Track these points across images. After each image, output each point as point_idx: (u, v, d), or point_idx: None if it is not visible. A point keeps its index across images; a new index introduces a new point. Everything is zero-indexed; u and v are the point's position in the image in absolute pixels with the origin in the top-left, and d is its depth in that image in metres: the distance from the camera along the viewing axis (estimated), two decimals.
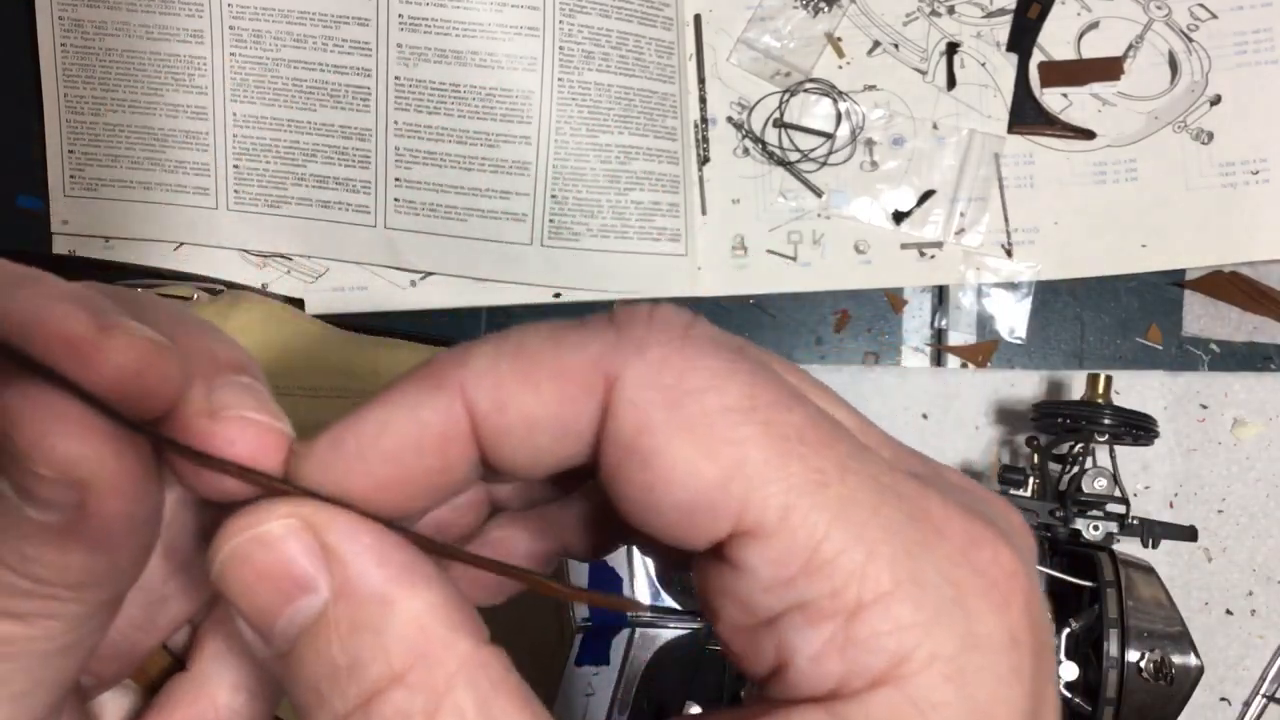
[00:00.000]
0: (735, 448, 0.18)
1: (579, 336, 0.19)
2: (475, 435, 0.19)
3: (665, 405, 0.19)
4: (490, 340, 0.20)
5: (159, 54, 0.70)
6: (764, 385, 0.19)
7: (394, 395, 0.20)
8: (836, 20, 0.71)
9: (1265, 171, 0.68)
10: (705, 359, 0.19)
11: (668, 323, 0.20)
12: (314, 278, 0.71)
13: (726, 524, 0.18)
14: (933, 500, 0.19)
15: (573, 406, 0.19)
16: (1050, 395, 0.69)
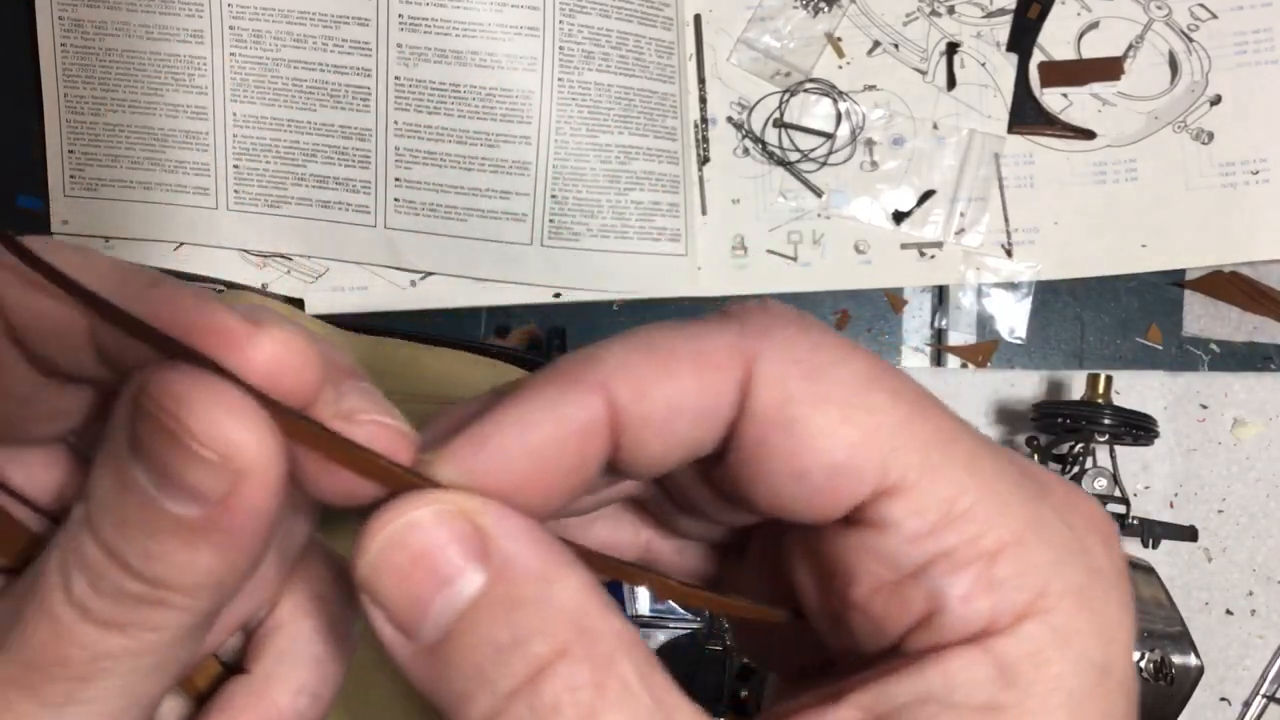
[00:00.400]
0: (870, 413, 0.20)
1: (706, 328, 0.21)
2: (612, 430, 0.20)
3: (803, 377, 0.20)
4: (617, 338, 0.21)
5: (159, 54, 0.70)
6: (878, 360, 0.21)
7: (531, 394, 0.20)
8: (836, 20, 0.71)
9: (1265, 171, 0.68)
10: (827, 337, 0.21)
11: (783, 311, 0.21)
12: (314, 278, 0.71)
13: (869, 484, 0.20)
14: (1025, 460, 0.21)
15: (712, 390, 0.20)
16: (1050, 395, 0.69)
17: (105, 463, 0.19)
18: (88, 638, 0.19)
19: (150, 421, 0.18)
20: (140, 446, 0.18)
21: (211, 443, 0.17)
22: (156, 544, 0.18)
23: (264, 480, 0.18)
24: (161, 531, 0.18)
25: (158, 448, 0.18)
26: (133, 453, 0.18)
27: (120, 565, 0.18)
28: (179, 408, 0.17)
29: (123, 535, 0.18)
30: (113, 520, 0.18)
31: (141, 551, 0.18)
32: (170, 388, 0.17)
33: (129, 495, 0.18)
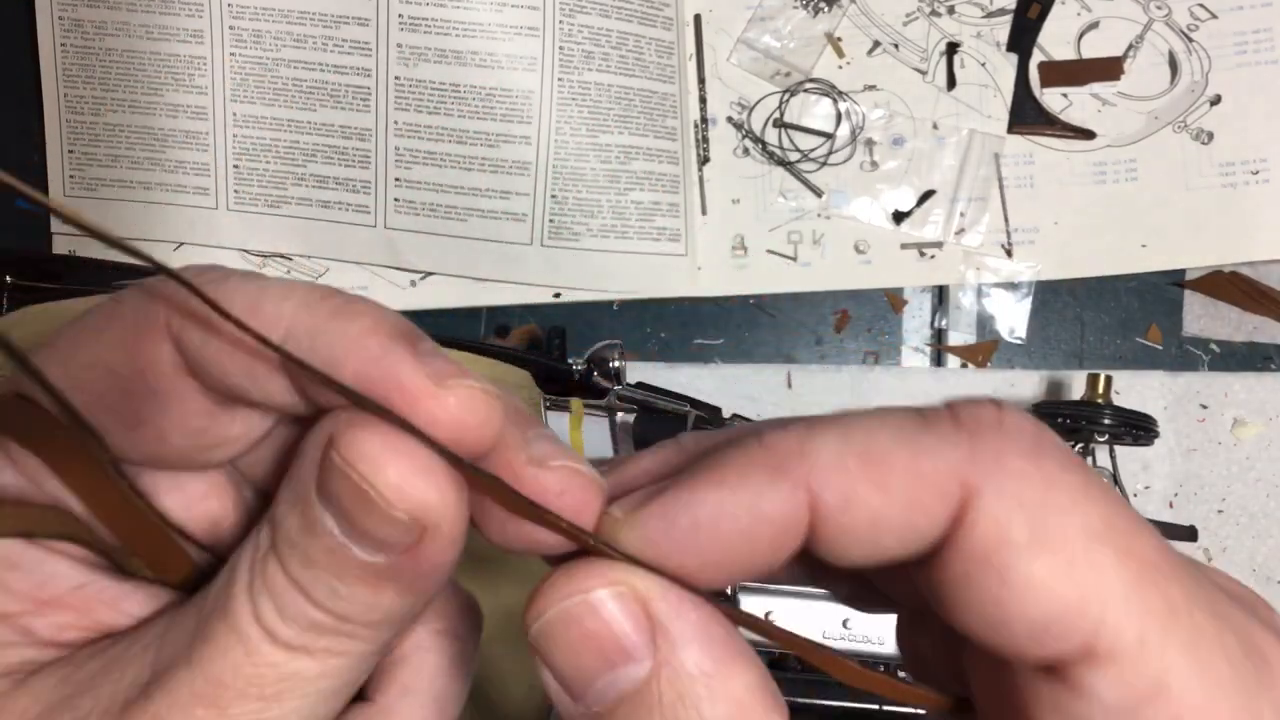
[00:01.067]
0: (1095, 572, 0.19)
1: (931, 440, 0.19)
2: (810, 528, 0.19)
3: (1028, 524, 0.19)
4: (831, 431, 0.20)
5: (159, 54, 0.70)
6: (1117, 507, 0.19)
7: (732, 476, 0.19)
8: (836, 20, 0.71)
9: (1265, 171, 0.68)
10: (1064, 475, 0.19)
11: (1020, 431, 0.20)
12: (314, 278, 0.71)
13: (1076, 645, 0.19)
14: (1255, 630, 0.20)
15: (924, 512, 0.19)
16: (1050, 395, 0.69)
17: (292, 501, 0.19)
18: (276, 658, 0.19)
19: (341, 478, 0.18)
20: (329, 495, 0.18)
21: (402, 503, 0.18)
22: (343, 585, 0.19)
23: (450, 534, 0.19)
24: (348, 574, 0.19)
25: (347, 501, 0.18)
26: (321, 499, 0.18)
27: (306, 597, 0.19)
28: (370, 469, 0.18)
29: (309, 573, 0.19)
30: (299, 558, 0.19)
31: (328, 589, 0.19)
32: (360, 448, 0.18)
33: (317, 539, 0.19)
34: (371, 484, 0.18)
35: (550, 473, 0.20)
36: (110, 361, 0.20)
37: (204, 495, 0.22)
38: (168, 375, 0.20)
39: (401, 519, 0.18)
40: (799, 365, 0.70)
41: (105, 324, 0.20)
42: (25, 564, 0.20)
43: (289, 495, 0.19)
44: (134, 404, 0.20)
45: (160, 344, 0.20)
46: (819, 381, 0.69)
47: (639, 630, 0.19)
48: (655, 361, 0.71)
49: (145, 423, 0.20)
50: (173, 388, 0.20)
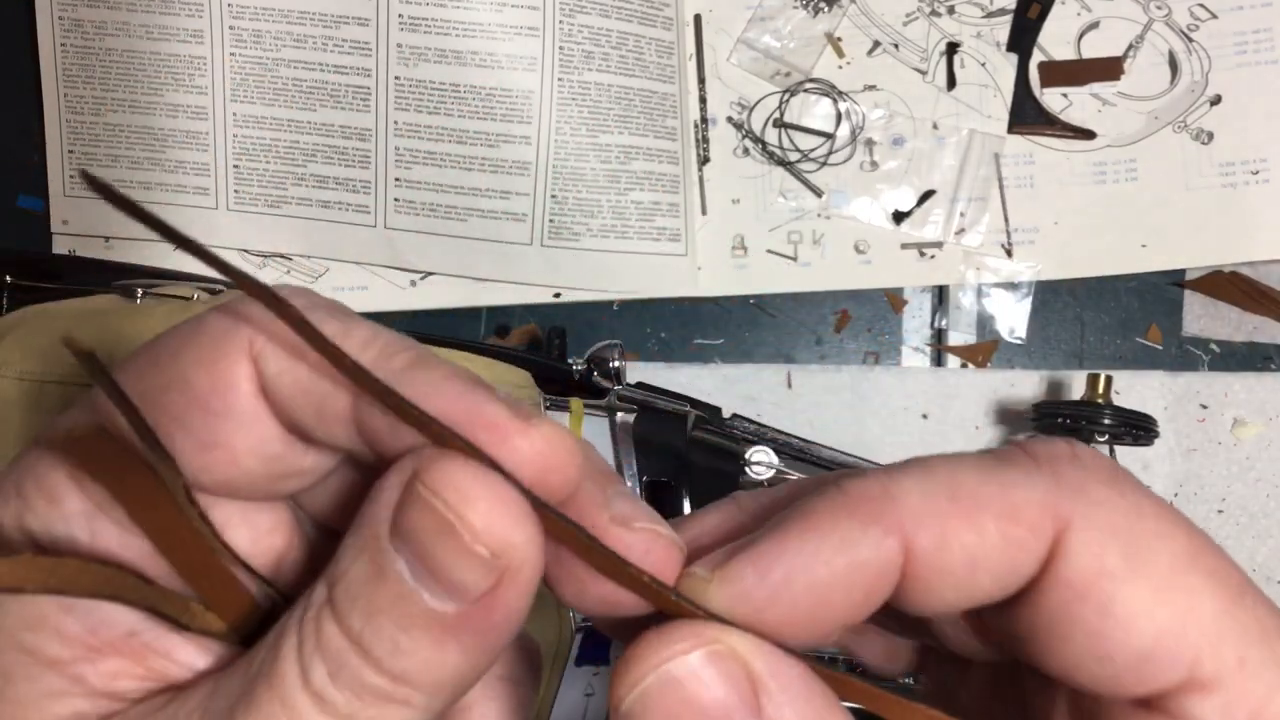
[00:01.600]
0: (1188, 595, 0.18)
1: (1016, 475, 0.19)
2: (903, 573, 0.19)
3: (1123, 553, 0.18)
4: (913, 474, 0.19)
5: (159, 54, 0.70)
6: (1198, 532, 0.19)
7: (823, 525, 0.19)
8: (836, 20, 0.71)
9: (1265, 171, 0.68)
10: (1146, 503, 0.19)
11: (1097, 463, 0.20)
12: (314, 278, 0.71)
13: (1179, 675, 0.18)
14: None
15: (1020, 548, 0.19)
16: (1050, 395, 0.69)
17: (359, 547, 0.18)
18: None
19: (425, 510, 0.17)
20: (405, 534, 0.18)
21: (486, 539, 0.17)
22: (407, 638, 0.18)
23: (527, 581, 0.18)
24: (414, 625, 0.18)
25: (427, 537, 0.17)
26: (395, 541, 0.18)
27: (364, 655, 0.18)
28: (459, 499, 0.17)
29: (372, 624, 0.18)
30: (363, 609, 0.18)
31: (390, 644, 0.18)
32: (451, 478, 0.17)
33: (384, 585, 0.18)
34: (459, 514, 0.17)
35: (634, 534, 0.19)
36: (189, 380, 0.20)
37: (270, 530, 0.22)
38: (246, 396, 0.19)
39: (483, 555, 0.17)
40: (799, 365, 0.70)
41: (185, 343, 0.20)
42: (79, 606, 0.20)
43: (354, 542, 0.18)
44: (210, 423, 0.20)
45: (241, 364, 0.19)
46: (819, 381, 0.69)
47: (741, 693, 0.18)
48: (655, 361, 0.71)
49: (220, 444, 0.20)
50: (250, 409, 0.20)
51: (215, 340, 0.20)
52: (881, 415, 0.69)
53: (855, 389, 0.69)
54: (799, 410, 0.69)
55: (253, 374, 0.20)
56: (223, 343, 0.20)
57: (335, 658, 0.18)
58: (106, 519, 0.20)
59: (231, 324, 0.20)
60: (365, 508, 0.19)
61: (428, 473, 0.18)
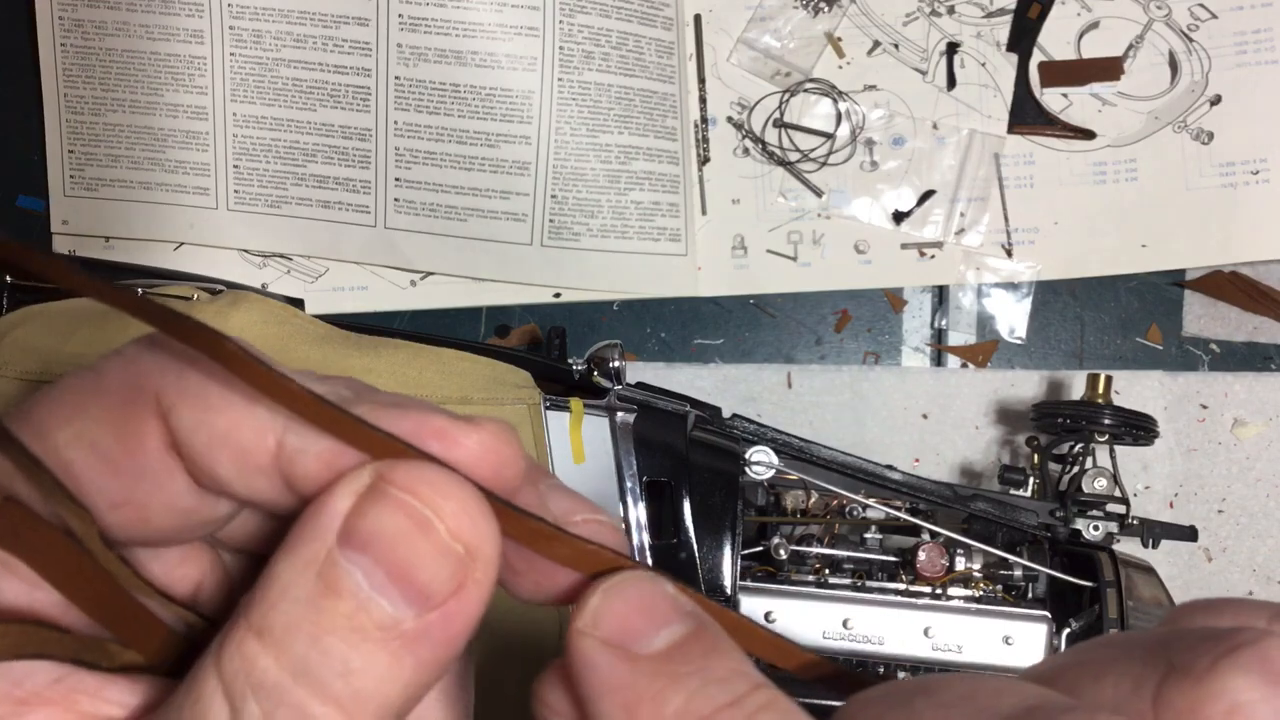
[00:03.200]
0: None
1: None
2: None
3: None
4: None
5: (159, 54, 0.70)
6: None
7: None
8: (836, 20, 0.71)
9: (1265, 171, 0.68)
10: None
11: None
12: (314, 278, 0.71)
13: None
14: None
15: None
16: (1050, 395, 0.69)
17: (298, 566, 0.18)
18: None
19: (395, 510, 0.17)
20: (363, 540, 0.17)
21: (461, 535, 0.17)
22: (359, 655, 0.17)
23: (489, 582, 0.18)
24: (367, 641, 0.17)
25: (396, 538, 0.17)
26: (347, 549, 0.17)
27: (309, 684, 0.17)
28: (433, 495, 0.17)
29: (318, 646, 0.17)
30: (308, 631, 0.17)
31: (339, 665, 0.17)
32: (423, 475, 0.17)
33: (335, 600, 0.17)
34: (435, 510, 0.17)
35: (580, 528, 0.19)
36: (94, 437, 0.19)
37: (181, 561, 0.22)
38: (155, 454, 0.19)
39: (458, 551, 0.17)
40: (799, 365, 0.70)
41: (88, 396, 0.19)
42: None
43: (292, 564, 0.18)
44: (118, 483, 0.19)
45: (150, 421, 0.19)
46: (819, 381, 0.69)
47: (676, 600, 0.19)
48: (655, 361, 0.71)
49: (130, 503, 0.19)
50: (160, 467, 0.19)
51: (119, 395, 0.19)
52: (881, 415, 0.69)
53: (855, 389, 0.69)
54: (799, 410, 0.69)
55: (162, 430, 0.19)
56: (128, 398, 0.19)
57: (273, 693, 0.17)
58: (10, 575, 0.19)
59: (136, 376, 0.19)
60: (300, 530, 0.18)
61: (396, 474, 0.17)
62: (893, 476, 0.59)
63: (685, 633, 0.19)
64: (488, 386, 0.52)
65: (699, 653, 0.18)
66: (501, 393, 0.52)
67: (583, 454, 0.54)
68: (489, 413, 0.51)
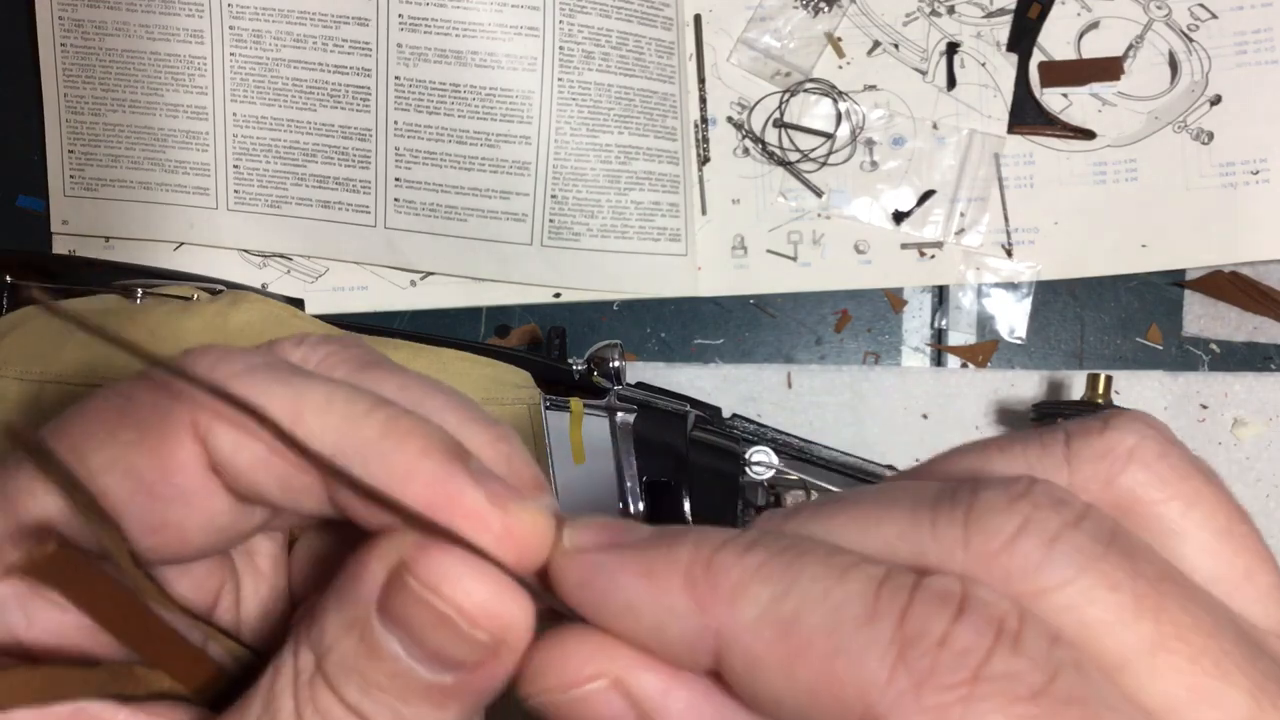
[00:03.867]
0: None
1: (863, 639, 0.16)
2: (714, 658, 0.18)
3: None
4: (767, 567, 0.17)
5: (159, 54, 0.70)
6: None
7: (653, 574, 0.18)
8: (836, 20, 0.71)
9: (1265, 171, 0.68)
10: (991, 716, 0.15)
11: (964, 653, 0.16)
12: (314, 278, 0.71)
13: None
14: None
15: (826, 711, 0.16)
16: (1050, 395, 0.69)
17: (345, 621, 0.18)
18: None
19: (417, 603, 0.18)
20: (397, 619, 0.18)
21: (484, 624, 0.18)
22: (408, 708, 0.18)
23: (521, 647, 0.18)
24: (413, 694, 0.18)
25: (421, 626, 0.18)
26: (385, 623, 0.18)
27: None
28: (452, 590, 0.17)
29: (370, 697, 0.18)
30: (358, 683, 0.18)
31: (389, 711, 0.18)
32: (442, 570, 0.18)
33: (379, 662, 0.18)
34: (456, 607, 0.17)
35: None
36: (130, 464, 0.19)
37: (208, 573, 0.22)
38: (195, 478, 0.19)
39: (483, 640, 0.18)
40: (799, 365, 0.70)
41: (119, 421, 0.19)
42: None
43: (339, 619, 0.18)
44: (157, 508, 0.19)
45: (187, 444, 0.19)
46: (819, 381, 0.69)
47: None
48: (655, 361, 0.71)
49: (169, 526, 0.19)
50: (200, 489, 0.19)
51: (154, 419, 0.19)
52: (881, 415, 0.69)
53: (855, 389, 0.69)
54: (799, 410, 0.69)
55: (200, 453, 0.19)
56: (164, 423, 0.19)
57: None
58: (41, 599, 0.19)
59: (168, 400, 0.19)
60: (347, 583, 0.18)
61: (417, 566, 0.18)
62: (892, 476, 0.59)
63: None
64: (488, 386, 0.52)
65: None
66: (501, 393, 0.52)
67: (583, 454, 0.54)
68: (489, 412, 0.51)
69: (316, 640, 0.18)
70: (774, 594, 0.17)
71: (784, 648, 0.16)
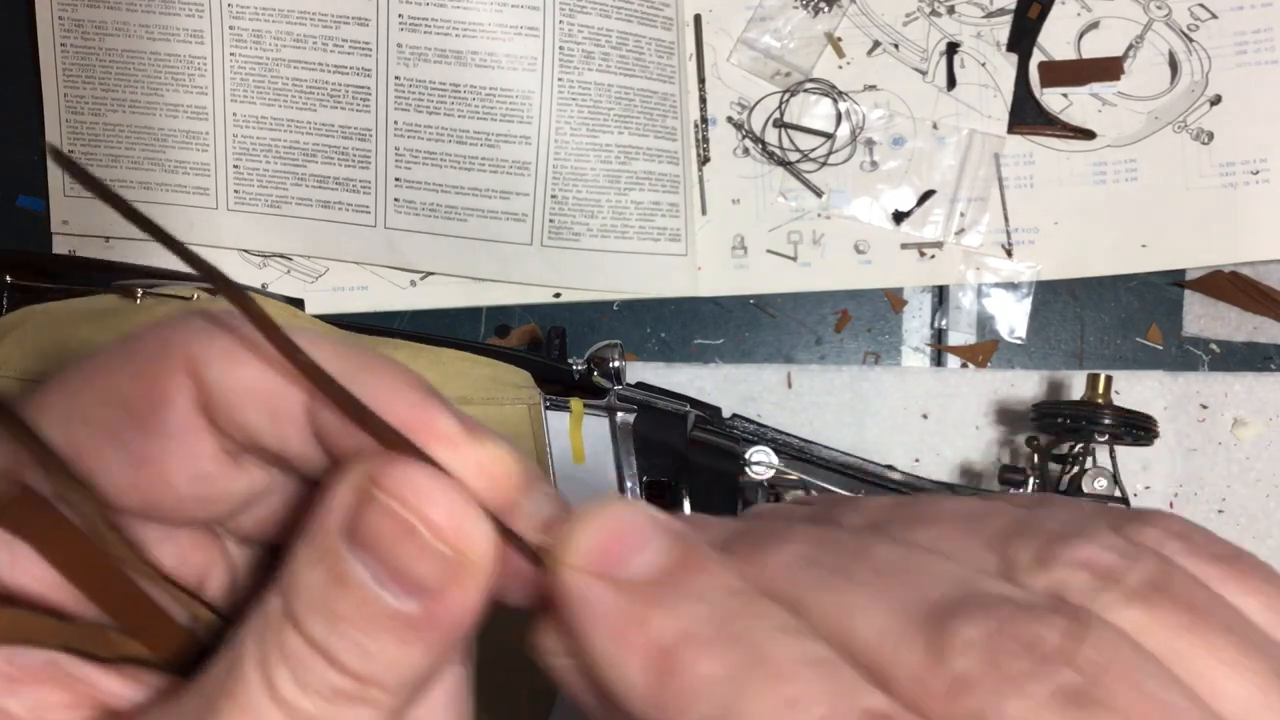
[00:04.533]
0: None
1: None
2: None
3: None
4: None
5: (159, 54, 0.70)
6: None
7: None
8: (836, 20, 0.71)
9: (1265, 171, 0.68)
10: None
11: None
12: (314, 278, 0.71)
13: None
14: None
15: None
16: (1050, 395, 0.69)
17: (313, 556, 0.19)
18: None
19: (384, 514, 0.18)
20: (364, 539, 0.18)
21: (447, 536, 0.18)
22: (371, 640, 0.18)
23: (484, 574, 0.18)
24: (378, 627, 0.18)
25: (387, 540, 0.18)
26: (352, 545, 0.18)
27: (330, 660, 0.18)
28: (418, 500, 0.18)
29: (335, 631, 0.18)
30: (324, 615, 0.18)
31: (355, 648, 0.18)
32: (408, 481, 0.18)
33: (345, 590, 0.18)
34: (420, 515, 0.18)
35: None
36: (124, 394, 0.20)
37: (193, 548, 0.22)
38: (183, 412, 0.19)
39: (445, 552, 0.18)
40: (799, 365, 0.70)
41: (120, 358, 0.20)
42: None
43: (309, 553, 0.19)
44: (143, 440, 0.20)
45: (178, 377, 0.19)
46: (819, 381, 0.69)
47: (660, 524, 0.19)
48: (655, 361, 0.71)
49: (151, 461, 0.20)
50: (186, 425, 0.20)
51: (151, 354, 0.20)
52: (881, 415, 0.69)
53: (855, 389, 0.69)
54: (799, 410, 0.69)
55: (190, 389, 0.19)
56: (159, 356, 0.20)
57: (300, 665, 0.18)
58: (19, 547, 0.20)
59: (168, 336, 0.20)
60: (316, 517, 0.19)
61: (384, 478, 0.18)
62: (893, 476, 0.59)
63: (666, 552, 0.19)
64: (488, 386, 0.52)
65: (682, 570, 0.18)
66: (501, 393, 0.52)
67: (583, 454, 0.54)
68: (489, 412, 0.51)
69: (284, 582, 0.19)
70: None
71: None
